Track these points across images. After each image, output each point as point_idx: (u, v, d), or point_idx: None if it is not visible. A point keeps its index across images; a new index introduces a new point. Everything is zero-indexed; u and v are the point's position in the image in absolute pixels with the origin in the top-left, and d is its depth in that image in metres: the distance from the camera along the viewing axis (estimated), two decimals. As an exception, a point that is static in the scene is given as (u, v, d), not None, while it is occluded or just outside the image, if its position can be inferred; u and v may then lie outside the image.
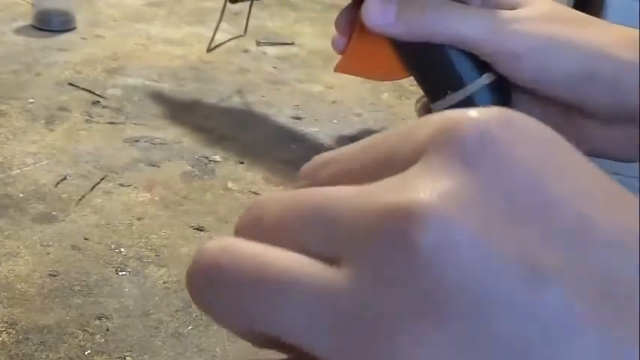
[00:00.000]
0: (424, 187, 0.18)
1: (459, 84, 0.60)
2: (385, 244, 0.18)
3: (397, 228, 0.18)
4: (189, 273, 0.21)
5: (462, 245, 0.17)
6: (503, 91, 0.60)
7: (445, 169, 0.19)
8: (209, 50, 0.73)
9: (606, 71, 0.55)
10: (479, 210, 0.18)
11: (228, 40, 0.77)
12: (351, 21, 0.64)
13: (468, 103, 0.60)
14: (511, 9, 0.59)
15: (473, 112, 0.20)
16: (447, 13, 0.57)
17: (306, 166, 0.23)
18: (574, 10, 0.60)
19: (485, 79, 0.59)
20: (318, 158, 0.23)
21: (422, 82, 0.64)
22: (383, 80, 0.71)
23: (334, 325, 0.18)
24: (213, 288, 0.20)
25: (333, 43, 0.66)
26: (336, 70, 0.66)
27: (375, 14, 0.58)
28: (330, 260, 0.19)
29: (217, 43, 0.73)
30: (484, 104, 0.60)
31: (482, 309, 0.17)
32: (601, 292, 0.17)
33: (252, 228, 0.21)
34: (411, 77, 0.66)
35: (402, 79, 0.66)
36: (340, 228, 0.19)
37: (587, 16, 0.60)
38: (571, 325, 0.17)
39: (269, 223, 0.21)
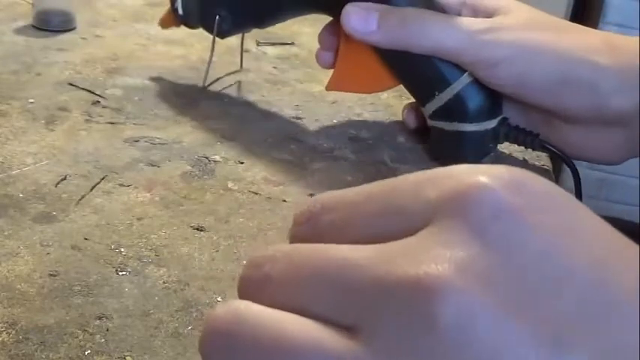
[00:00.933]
0: (441, 259, 0.18)
1: (444, 84, 0.61)
2: (405, 319, 0.18)
3: (417, 303, 0.18)
4: (202, 340, 0.20)
5: (482, 320, 0.17)
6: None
7: (460, 239, 0.19)
8: (205, 87, 0.73)
9: (583, 77, 0.55)
10: (496, 282, 0.18)
11: (226, 75, 0.77)
12: (335, 36, 0.65)
13: (457, 100, 0.61)
14: (489, 17, 0.59)
15: (484, 177, 0.19)
16: (426, 23, 0.57)
17: (304, 211, 0.22)
18: (552, 17, 0.60)
19: (469, 75, 0.60)
20: (314, 202, 0.22)
21: (409, 86, 0.65)
22: (376, 92, 0.72)
23: None
24: (227, 357, 0.20)
25: (317, 59, 0.67)
26: (327, 88, 0.67)
27: (356, 22, 0.58)
28: (346, 328, 0.19)
29: (213, 78, 0.73)
30: (472, 100, 0.60)
31: None
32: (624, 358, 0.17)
33: (259, 286, 0.21)
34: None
35: (393, 87, 0.66)
36: (357, 297, 0.19)
37: (566, 22, 0.60)
38: None
39: (278, 282, 0.20)
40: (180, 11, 0.71)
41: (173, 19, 0.73)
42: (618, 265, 0.18)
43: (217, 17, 0.69)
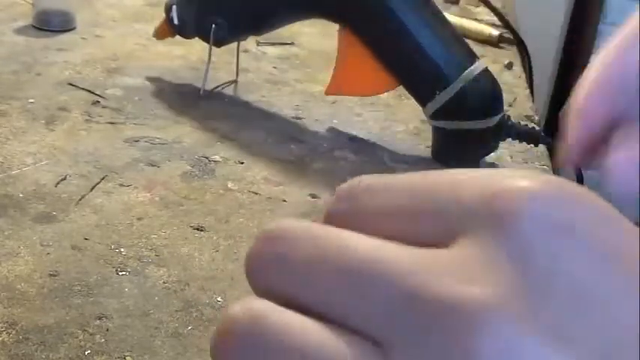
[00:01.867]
0: (480, 282, 0.17)
1: (445, 83, 0.61)
2: (440, 344, 0.16)
3: (455, 329, 0.16)
4: (216, 341, 0.19)
5: (528, 356, 0.16)
6: (490, 83, 0.61)
7: (506, 257, 0.17)
8: (202, 94, 0.72)
9: None
10: (541, 312, 0.16)
11: (225, 84, 0.77)
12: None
13: (458, 98, 0.61)
14: None
15: (525, 182, 0.18)
16: None
17: (346, 187, 0.20)
18: None
19: (470, 73, 0.60)
20: (358, 181, 0.20)
21: (409, 87, 0.65)
22: (375, 94, 0.71)
23: None
24: None
25: None
26: (327, 92, 0.67)
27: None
28: (369, 338, 0.17)
29: (211, 85, 0.73)
30: (473, 98, 0.61)
31: None
32: None
33: (271, 266, 0.19)
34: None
35: (392, 89, 0.67)
36: (386, 308, 0.17)
37: None
38: None
39: (296, 266, 0.19)
40: (176, 21, 0.71)
41: (168, 29, 0.73)
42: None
43: (213, 26, 0.69)
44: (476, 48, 0.69)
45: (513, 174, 0.18)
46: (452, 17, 0.81)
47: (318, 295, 0.18)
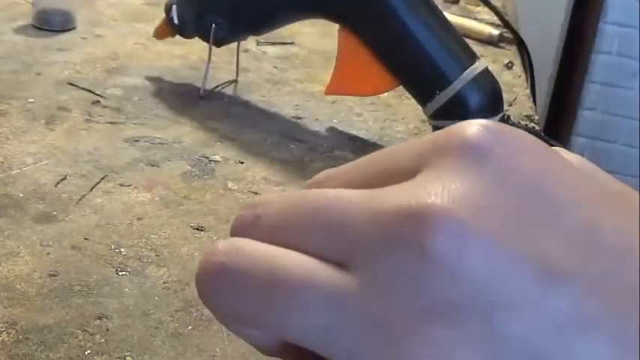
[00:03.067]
0: (435, 192, 0.18)
1: (445, 82, 0.61)
2: (396, 249, 0.18)
3: (408, 233, 0.18)
4: (199, 272, 0.20)
5: (474, 248, 0.17)
6: (490, 83, 0.61)
7: (454, 172, 0.18)
8: (202, 96, 0.72)
9: None
10: (491, 212, 0.18)
11: (225, 84, 0.77)
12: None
13: (458, 98, 0.61)
14: None
15: (474, 121, 0.20)
16: None
17: (311, 181, 0.23)
18: None
19: (470, 73, 0.60)
20: (322, 173, 0.22)
21: (410, 86, 0.65)
22: (375, 94, 0.72)
23: (347, 330, 0.18)
24: (223, 289, 0.20)
25: None
26: (326, 92, 0.67)
27: None
28: (338, 264, 0.19)
29: (211, 84, 0.73)
30: (473, 98, 0.61)
31: (494, 312, 0.17)
32: (611, 292, 0.17)
33: (249, 226, 0.21)
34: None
35: (392, 89, 0.67)
36: (348, 232, 0.19)
37: None
38: (583, 326, 0.17)
39: (269, 222, 0.20)
40: (176, 20, 0.71)
41: (168, 29, 0.73)
42: (608, 207, 0.19)
43: (213, 26, 0.69)
44: (476, 48, 0.69)
45: (459, 124, 0.20)
46: (452, 17, 0.81)
47: (285, 237, 0.20)
